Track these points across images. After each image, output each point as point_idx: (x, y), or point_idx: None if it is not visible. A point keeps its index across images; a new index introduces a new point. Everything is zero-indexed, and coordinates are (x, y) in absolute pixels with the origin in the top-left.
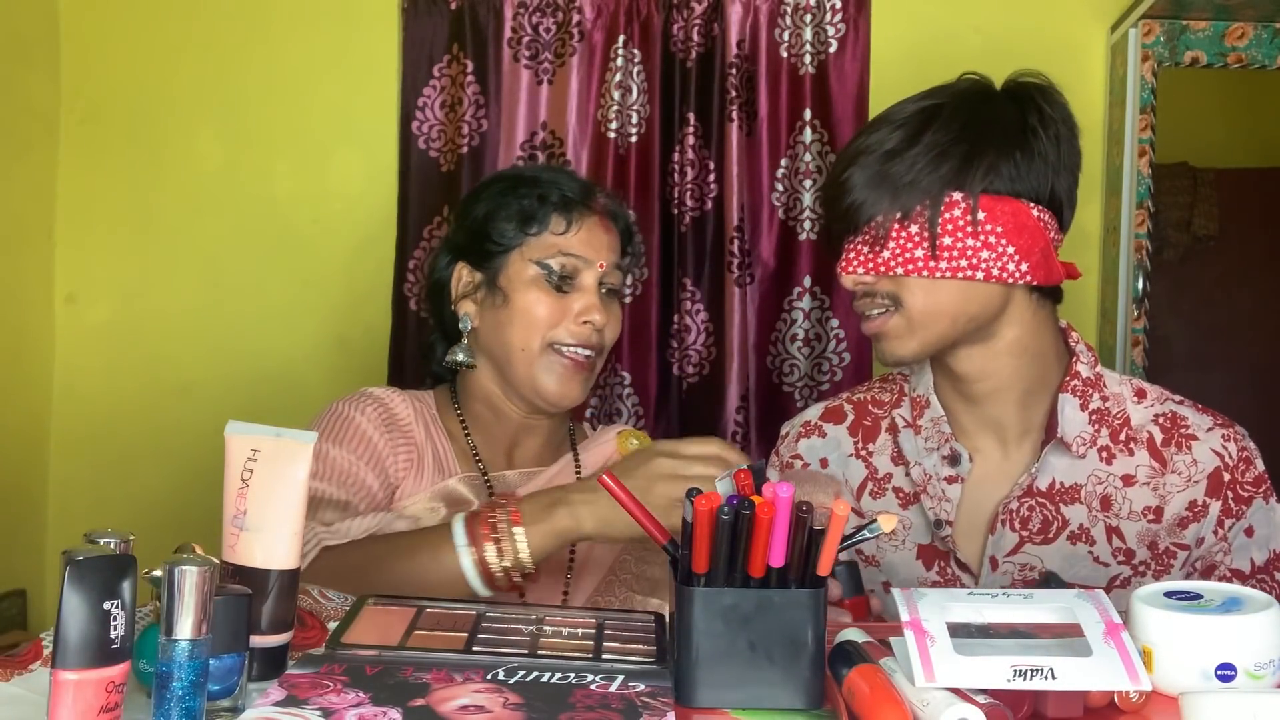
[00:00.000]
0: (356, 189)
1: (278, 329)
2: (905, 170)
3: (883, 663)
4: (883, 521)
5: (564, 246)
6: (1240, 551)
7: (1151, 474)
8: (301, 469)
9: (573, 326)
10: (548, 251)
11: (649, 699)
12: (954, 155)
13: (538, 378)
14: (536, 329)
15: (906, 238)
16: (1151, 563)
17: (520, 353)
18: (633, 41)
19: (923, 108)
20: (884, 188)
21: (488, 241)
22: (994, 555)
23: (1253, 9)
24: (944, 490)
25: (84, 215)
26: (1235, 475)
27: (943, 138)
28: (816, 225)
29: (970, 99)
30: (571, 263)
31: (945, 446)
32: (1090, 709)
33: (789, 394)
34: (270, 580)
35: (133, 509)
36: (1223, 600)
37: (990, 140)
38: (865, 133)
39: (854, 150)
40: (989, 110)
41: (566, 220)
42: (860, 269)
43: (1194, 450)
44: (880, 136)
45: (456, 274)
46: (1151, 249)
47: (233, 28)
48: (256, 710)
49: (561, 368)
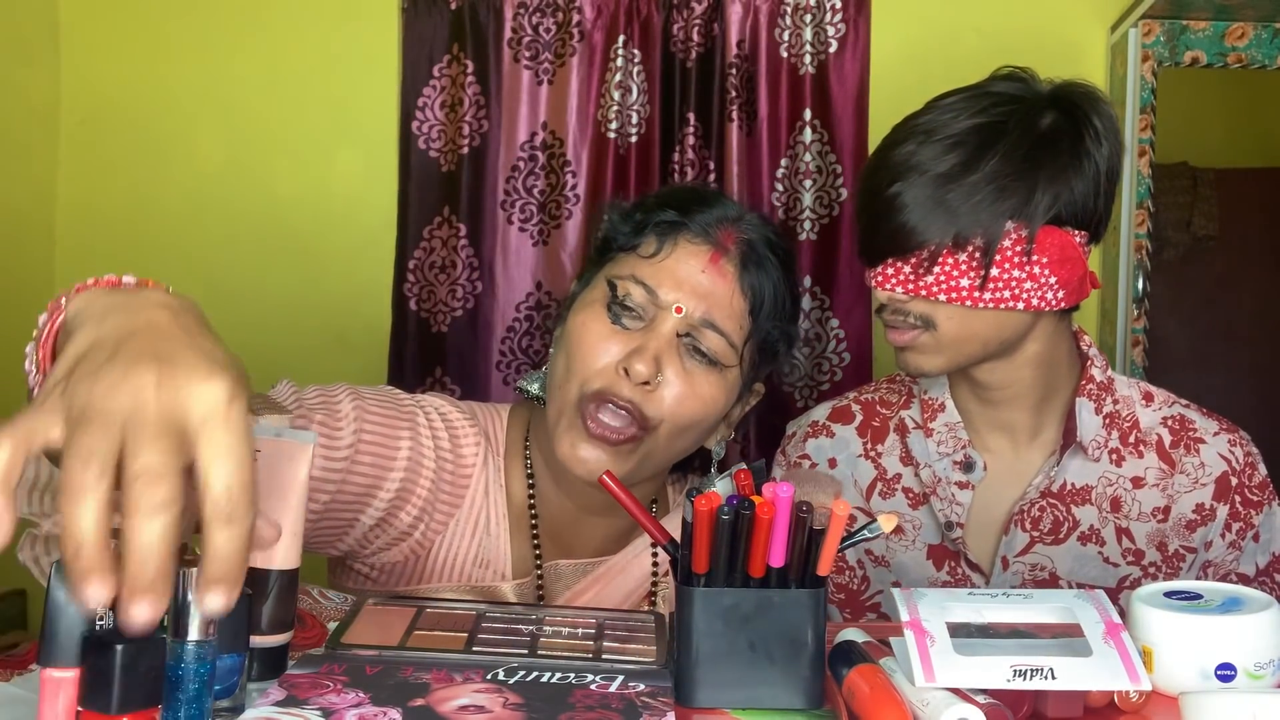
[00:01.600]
0: (356, 189)
1: (278, 329)
2: (964, 198)
3: (883, 663)
4: (883, 521)
5: (640, 271)
6: (1246, 556)
7: (1160, 475)
8: (302, 469)
9: (612, 373)
10: (621, 271)
11: (649, 699)
12: (1018, 190)
13: (558, 436)
14: (575, 367)
15: (954, 265)
16: (1162, 565)
17: (557, 390)
18: (633, 41)
19: (979, 126)
20: (939, 213)
21: (594, 251)
22: (1005, 555)
23: (1253, 9)
24: (955, 494)
25: (84, 215)
26: (1242, 480)
27: (1005, 168)
28: (817, 225)
29: (1028, 119)
30: (640, 291)
31: (960, 452)
32: (1090, 709)
33: (789, 394)
34: (270, 580)
35: None
36: (1222, 600)
37: (1053, 172)
38: (908, 141)
39: (901, 163)
40: (1049, 134)
41: (659, 242)
42: (899, 289)
43: (1202, 453)
44: (933, 154)
45: (572, 292)
46: (1151, 249)
47: (233, 28)
48: (256, 710)
49: (583, 430)
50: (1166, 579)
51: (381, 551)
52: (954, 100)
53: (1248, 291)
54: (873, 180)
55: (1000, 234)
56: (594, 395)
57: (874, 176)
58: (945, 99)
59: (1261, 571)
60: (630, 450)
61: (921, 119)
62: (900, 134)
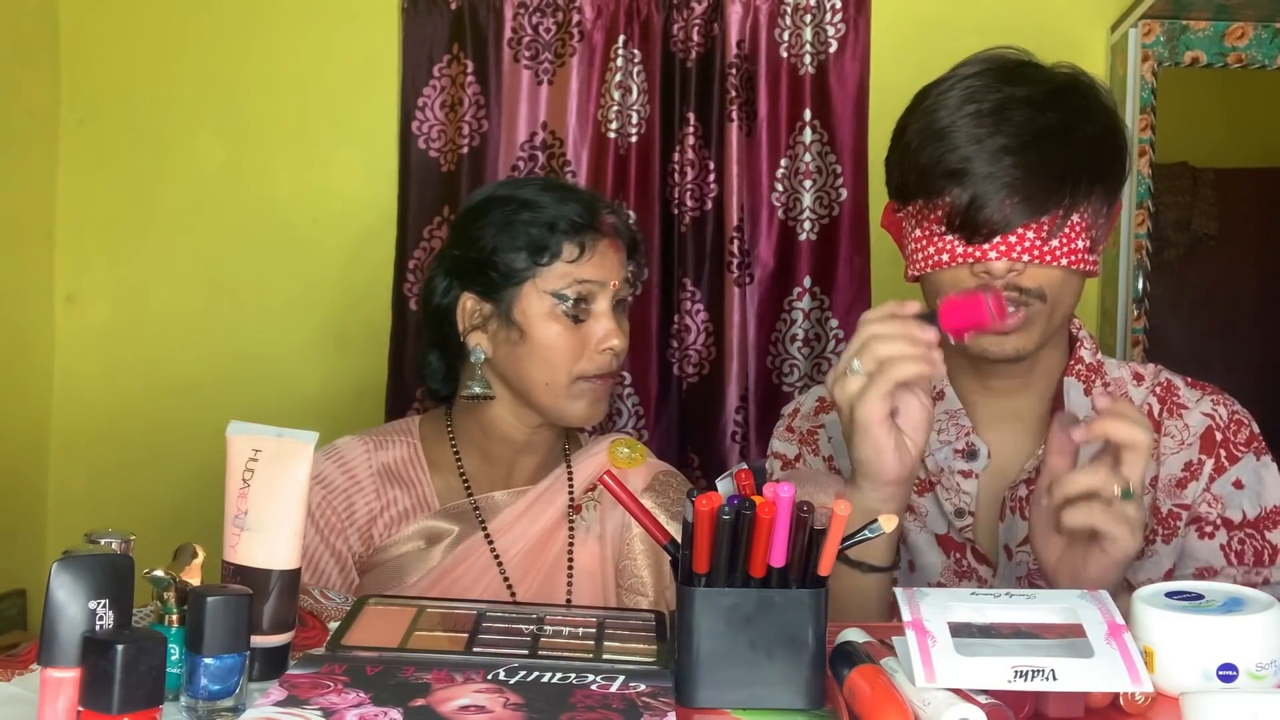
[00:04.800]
0: (356, 189)
1: (277, 329)
2: (1080, 158)
3: (884, 663)
4: (883, 522)
5: (578, 275)
6: (1231, 499)
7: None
8: (303, 469)
9: (595, 356)
10: (562, 281)
11: (650, 699)
12: (1117, 149)
13: (565, 407)
14: (561, 365)
15: (1072, 227)
16: (1159, 528)
17: (545, 387)
18: (633, 41)
19: (1053, 90)
20: (1067, 173)
21: (495, 273)
22: (1007, 544)
23: (1253, 9)
24: (960, 483)
25: (84, 215)
26: (1227, 435)
27: (1094, 129)
28: (817, 225)
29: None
30: (586, 288)
31: (962, 440)
32: (1091, 709)
33: (789, 394)
34: (271, 580)
35: (133, 509)
36: (1224, 600)
37: (1122, 131)
38: (979, 105)
39: (996, 127)
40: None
41: (579, 247)
42: (1025, 255)
43: (1185, 417)
44: (1026, 115)
45: (462, 305)
46: (1151, 249)
47: (233, 28)
48: (257, 710)
49: (590, 393)
50: (1165, 541)
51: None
52: (995, 63)
53: (1248, 291)
54: (962, 149)
55: (1107, 194)
56: (587, 376)
57: (961, 145)
58: (967, 75)
59: (1249, 523)
60: (611, 391)
61: (966, 85)
62: (962, 100)
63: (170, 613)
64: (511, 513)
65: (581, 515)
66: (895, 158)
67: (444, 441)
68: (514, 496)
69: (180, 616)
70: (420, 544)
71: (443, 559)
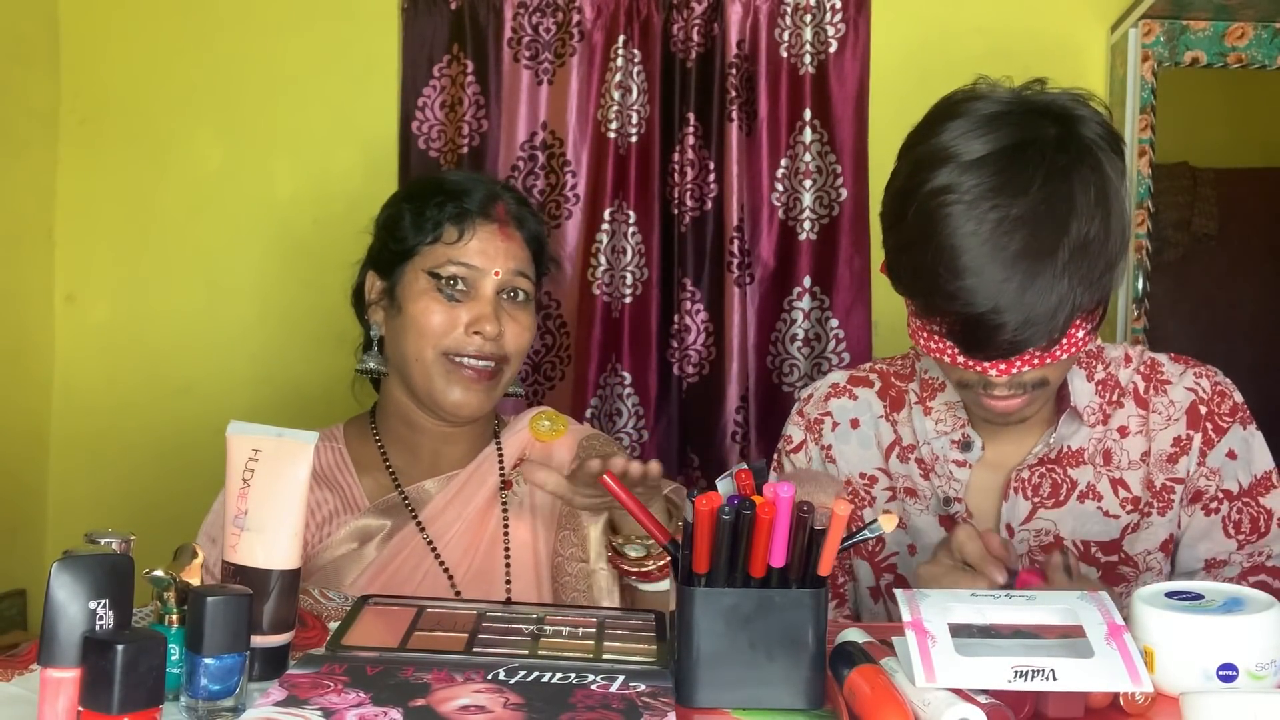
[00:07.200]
0: (356, 189)
1: (277, 329)
2: (1083, 272)
3: (884, 663)
4: (883, 521)
5: (455, 256)
6: (1227, 471)
7: (1140, 422)
8: (302, 469)
9: (463, 336)
10: (438, 261)
11: (650, 699)
12: (1109, 244)
13: (436, 387)
14: (428, 338)
15: (1076, 326)
16: (1154, 501)
17: (415, 363)
18: (633, 41)
19: (1047, 194)
20: (1067, 294)
21: (387, 250)
22: (1009, 523)
23: (1253, 9)
24: (952, 472)
25: (84, 215)
26: (1211, 407)
27: (1096, 225)
28: (816, 225)
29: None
30: (463, 271)
31: (958, 431)
32: (1091, 709)
33: (789, 394)
34: (271, 580)
35: (133, 509)
36: (1224, 600)
37: (1118, 206)
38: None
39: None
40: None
41: (459, 230)
42: (1028, 368)
43: (1169, 393)
44: (1025, 243)
45: (369, 282)
46: (1151, 249)
47: (233, 27)
48: (257, 710)
49: (461, 378)
50: (1160, 514)
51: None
52: (989, 155)
53: (1248, 291)
54: (962, 280)
55: (1112, 287)
56: (453, 352)
57: (956, 275)
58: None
59: (1245, 491)
60: (493, 385)
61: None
62: (958, 218)
63: (170, 613)
64: (442, 498)
65: (514, 490)
66: (891, 241)
67: (368, 441)
68: (444, 483)
69: (180, 616)
70: (353, 545)
71: (378, 554)
